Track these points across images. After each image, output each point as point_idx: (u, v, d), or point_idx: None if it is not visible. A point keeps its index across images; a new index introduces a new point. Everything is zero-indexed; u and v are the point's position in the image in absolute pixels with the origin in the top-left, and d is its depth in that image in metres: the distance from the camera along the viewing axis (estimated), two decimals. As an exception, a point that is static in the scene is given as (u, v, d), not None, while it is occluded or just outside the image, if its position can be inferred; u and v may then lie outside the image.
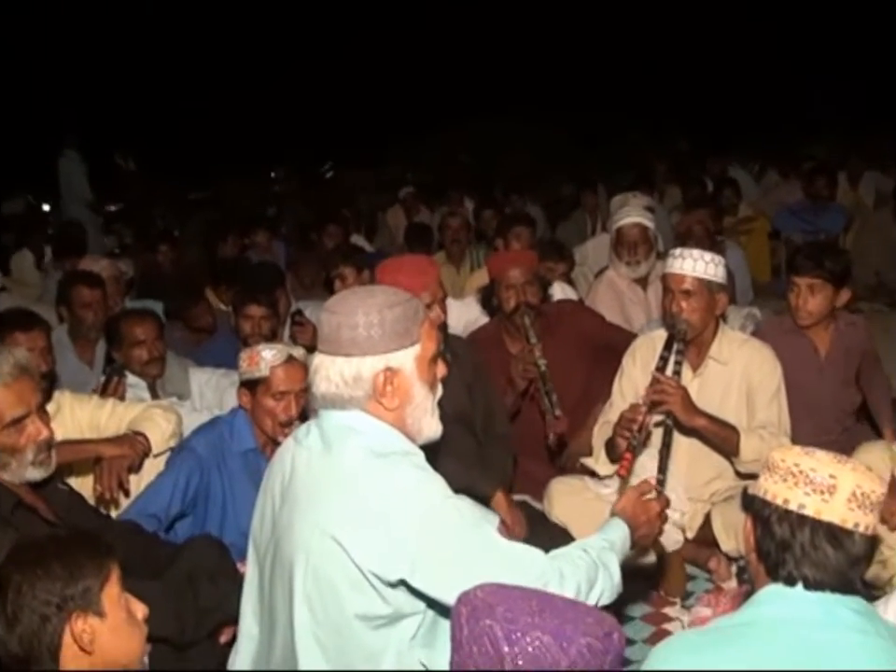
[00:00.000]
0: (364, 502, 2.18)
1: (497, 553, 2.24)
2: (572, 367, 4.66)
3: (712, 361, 3.94)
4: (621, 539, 2.54)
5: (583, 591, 2.31)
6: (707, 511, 4.01)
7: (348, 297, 2.34)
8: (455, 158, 16.48)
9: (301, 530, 2.25)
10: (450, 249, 7.55)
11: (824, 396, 4.41)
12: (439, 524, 2.20)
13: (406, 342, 2.29)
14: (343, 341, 2.26)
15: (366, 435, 2.29)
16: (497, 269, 4.71)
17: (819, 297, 4.26)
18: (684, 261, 3.80)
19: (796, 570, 1.94)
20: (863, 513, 1.92)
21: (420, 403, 2.34)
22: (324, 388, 2.30)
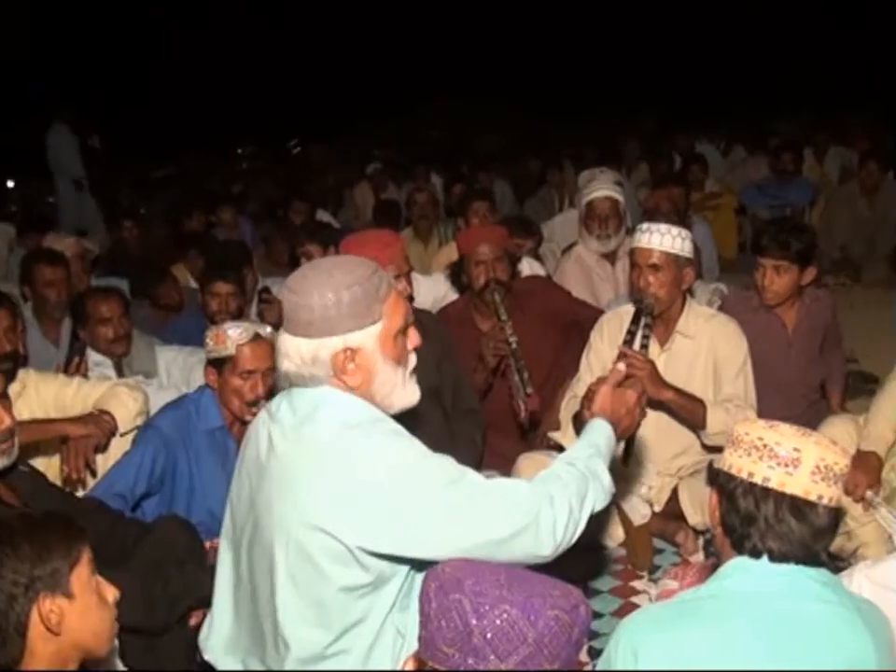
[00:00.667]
0: (342, 477, 2.17)
1: (485, 501, 2.22)
2: (541, 343, 4.66)
3: (679, 336, 3.96)
4: (606, 440, 2.52)
5: (575, 508, 2.31)
6: (675, 485, 4.04)
7: (306, 275, 2.30)
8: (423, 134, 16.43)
9: (281, 510, 2.23)
10: (418, 225, 7.53)
11: (791, 371, 4.44)
12: (422, 482, 2.19)
13: (365, 321, 2.26)
14: (301, 321, 2.24)
15: (336, 407, 2.27)
16: (467, 245, 4.69)
17: (785, 277, 4.29)
18: (651, 236, 3.80)
19: (761, 543, 1.95)
20: (827, 486, 1.94)
21: (387, 378, 2.32)
22: (286, 367, 2.29)
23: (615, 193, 5.76)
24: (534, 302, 4.75)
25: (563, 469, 2.39)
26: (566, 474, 2.37)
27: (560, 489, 2.32)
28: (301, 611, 2.26)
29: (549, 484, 2.33)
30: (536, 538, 2.24)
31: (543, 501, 2.27)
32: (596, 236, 5.70)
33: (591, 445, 2.49)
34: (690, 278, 3.91)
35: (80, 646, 2.07)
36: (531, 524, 2.23)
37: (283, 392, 2.44)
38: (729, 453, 2.03)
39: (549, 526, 2.25)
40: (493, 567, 2.14)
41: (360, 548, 2.18)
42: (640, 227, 3.92)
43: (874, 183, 8.15)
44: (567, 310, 4.86)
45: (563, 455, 2.48)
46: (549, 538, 2.26)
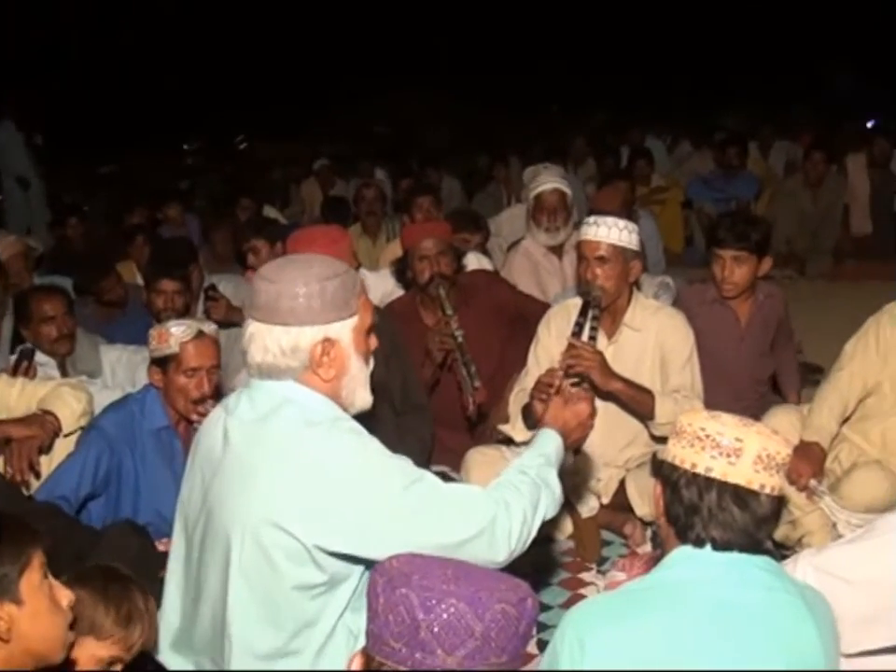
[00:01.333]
0: (301, 475, 2.17)
1: (443, 504, 2.24)
2: (488, 337, 4.67)
3: (626, 328, 3.98)
4: (555, 450, 2.57)
5: (529, 515, 2.35)
6: (622, 477, 4.06)
7: (286, 265, 2.31)
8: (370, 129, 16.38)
9: (238, 505, 2.22)
10: (365, 221, 7.51)
11: (742, 365, 4.48)
12: (381, 483, 2.19)
13: (345, 313, 2.27)
14: (281, 310, 2.23)
15: (298, 405, 2.27)
16: (410, 240, 4.69)
17: (743, 268, 4.31)
18: (598, 228, 3.82)
19: (704, 532, 1.97)
20: (769, 475, 1.95)
21: (356, 375, 2.34)
22: (259, 358, 2.27)
23: (563, 186, 5.78)
24: (479, 296, 4.76)
25: (516, 477, 2.43)
26: (519, 482, 2.41)
27: (515, 496, 2.36)
28: (251, 609, 2.25)
29: (504, 491, 2.37)
30: (491, 543, 2.27)
31: (499, 507, 2.31)
32: (545, 229, 5.71)
33: (541, 454, 2.53)
34: (637, 271, 3.93)
35: (32, 652, 2.03)
36: (487, 528, 2.26)
37: (240, 389, 2.43)
38: (672, 444, 2.05)
39: (504, 532, 2.29)
40: (441, 561, 2.14)
41: (317, 546, 2.18)
42: (587, 219, 3.93)
43: (818, 175, 8.25)
44: (512, 303, 4.87)
45: (514, 464, 2.52)
46: (504, 543, 2.29)
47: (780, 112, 12.33)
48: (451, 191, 10.26)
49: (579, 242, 3.93)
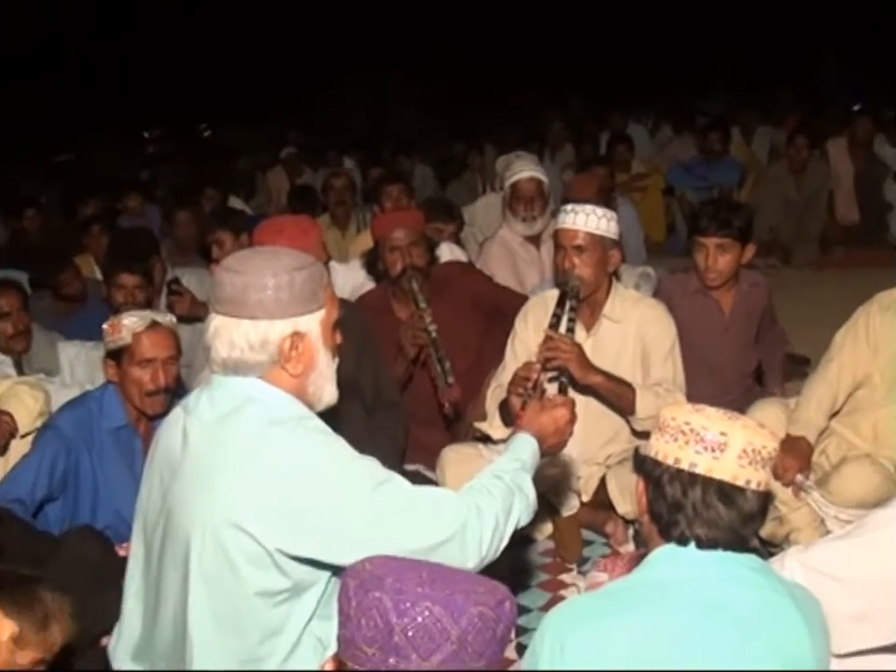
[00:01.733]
0: (264, 475, 2.16)
1: (412, 508, 2.25)
2: (463, 331, 4.66)
3: (606, 320, 3.98)
4: (531, 456, 2.59)
5: (501, 521, 2.36)
6: (603, 475, 4.06)
7: (253, 257, 2.31)
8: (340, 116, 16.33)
9: (198, 507, 2.21)
10: (334, 211, 7.48)
11: (727, 356, 4.50)
12: (348, 485, 2.19)
13: (313, 306, 2.28)
14: (249, 303, 2.22)
15: (262, 403, 2.26)
16: (381, 230, 4.67)
17: (727, 256, 4.32)
18: (576, 216, 3.82)
19: (689, 530, 1.97)
20: (755, 470, 1.96)
21: (323, 370, 2.34)
22: (225, 353, 2.26)
23: (539, 174, 5.79)
24: (454, 288, 4.75)
25: (490, 482, 2.44)
26: (492, 486, 2.42)
27: (487, 501, 2.36)
28: (212, 616, 2.23)
29: (476, 495, 2.38)
30: (461, 548, 2.27)
31: (470, 511, 2.31)
32: (522, 218, 5.72)
33: (516, 459, 2.55)
34: (616, 260, 3.93)
35: None
36: (457, 533, 2.26)
37: (200, 387, 2.42)
38: (655, 438, 2.04)
39: (475, 537, 2.29)
40: (415, 563, 2.14)
41: (280, 550, 2.16)
42: (565, 207, 3.93)
43: (802, 161, 8.28)
44: (488, 295, 4.87)
45: (488, 468, 2.53)
46: (474, 549, 2.29)
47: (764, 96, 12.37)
48: (423, 180, 10.26)
49: (555, 230, 3.93)
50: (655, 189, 8.96)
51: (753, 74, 15.01)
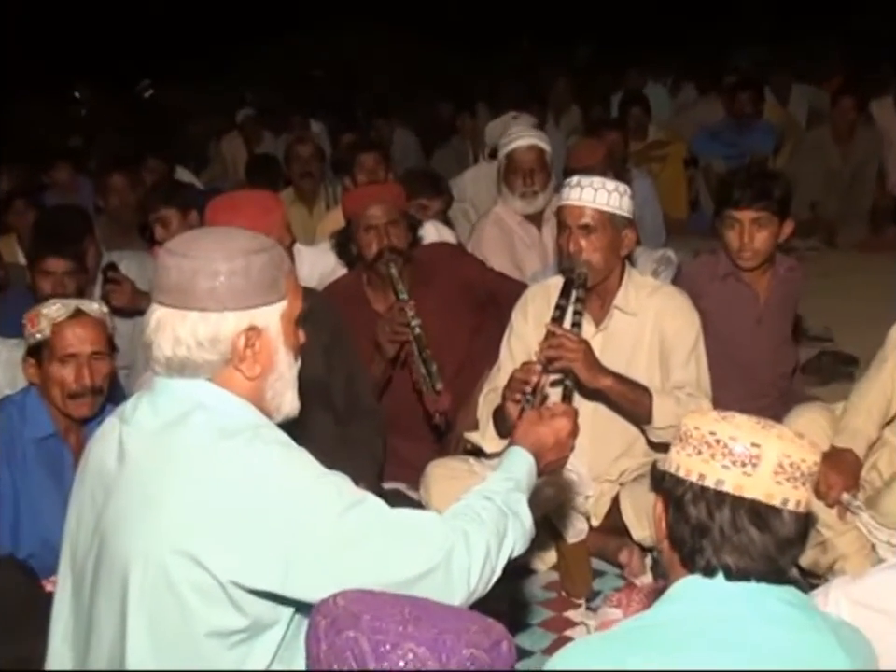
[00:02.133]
0: (216, 495, 2.15)
1: (388, 534, 2.24)
2: (452, 326, 4.67)
3: (618, 312, 3.99)
4: (526, 474, 2.57)
5: (492, 549, 2.35)
6: (616, 494, 4.07)
7: (202, 238, 2.30)
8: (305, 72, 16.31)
9: (139, 532, 2.19)
10: (299, 185, 7.47)
11: (762, 351, 4.51)
12: (314, 508, 2.18)
13: (273, 296, 2.27)
14: (198, 291, 2.20)
15: (212, 410, 2.25)
16: (353, 207, 4.67)
17: (765, 232, 4.31)
18: (583, 191, 3.82)
19: (716, 558, 1.97)
20: (793, 487, 1.96)
21: (283, 373, 2.34)
22: (169, 351, 2.24)
23: (540, 141, 5.78)
24: (440, 275, 4.75)
25: (479, 503, 2.43)
26: (482, 510, 2.41)
27: (476, 526, 2.35)
28: (156, 661, 2.21)
29: (462, 519, 2.37)
30: (446, 581, 2.26)
31: (457, 538, 2.30)
32: (520, 194, 5.72)
33: (509, 478, 2.54)
34: (629, 243, 3.93)
35: None
36: (441, 564, 2.26)
37: (139, 392, 2.41)
38: (676, 451, 2.04)
39: (462, 569, 2.28)
40: (395, 598, 2.14)
41: (234, 583, 2.15)
42: (569, 180, 3.93)
43: (849, 125, 8.29)
44: (481, 283, 4.87)
45: (477, 488, 2.52)
46: (461, 582, 2.29)
47: (802, 50, 12.39)
48: (405, 147, 10.25)
49: (559, 207, 3.93)
50: (676, 159, 8.98)
51: (790, 23, 15.03)
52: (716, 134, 9.01)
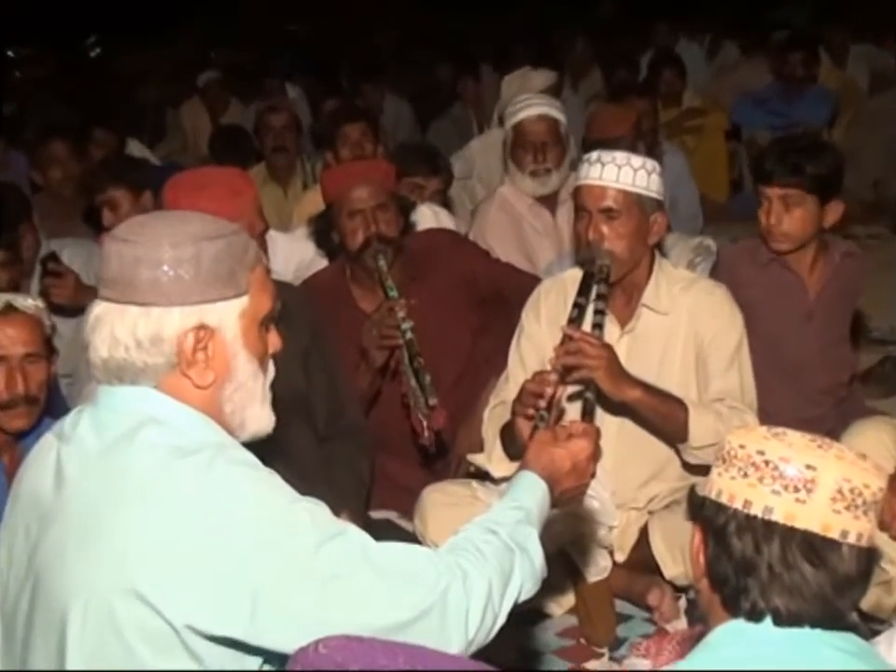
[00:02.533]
0: (169, 525, 2.13)
1: (373, 570, 2.22)
2: (450, 328, 4.68)
3: (647, 311, 3.99)
4: (538, 504, 2.55)
5: (496, 591, 2.33)
6: (644, 524, 4.07)
7: (151, 222, 2.29)
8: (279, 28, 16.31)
9: (79, 569, 2.18)
10: (272, 160, 7.50)
11: (812, 353, 4.52)
12: (284, 540, 2.16)
13: (229, 290, 2.25)
14: (140, 283, 2.19)
15: (164, 425, 2.24)
16: (335, 188, 4.68)
17: (796, 213, 4.32)
18: (604, 168, 3.82)
19: (763, 599, 1.97)
20: (854, 517, 1.95)
21: (244, 382, 2.32)
22: (105, 352, 2.23)
23: (553, 110, 5.78)
24: (437, 268, 4.76)
25: (481, 537, 2.41)
26: (484, 543, 2.38)
27: (476, 564, 2.33)
28: None
29: (461, 555, 2.35)
30: (441, 627, 2.25)
31: (454, 577, 2.28)
32: (530, 172, 5.72)
33: (518, 508, 2.51)
34: (660, 229, 3.94)
35: None
36: (434, 607, 2.24)
37: (80, 406, 2.40)
38: (718, 473, 2.04)
39: (459, 613, 2.26)
40: (387, 645, 2.13)
41: (190, 628, 2.14)
42: (588, 157, 3.93)
43: (918, 92, 8.31)
44: (485, 276, 4.87)
45: (479, 519, 2.50)
46: (458, 628, 2.27)
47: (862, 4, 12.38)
48: (397, 117, 10.26)
49: (577, 187, 3.94)
50: (715, 131, 8.99)
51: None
52: (761, 102, 9.01)
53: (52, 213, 6.64)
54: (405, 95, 10.83)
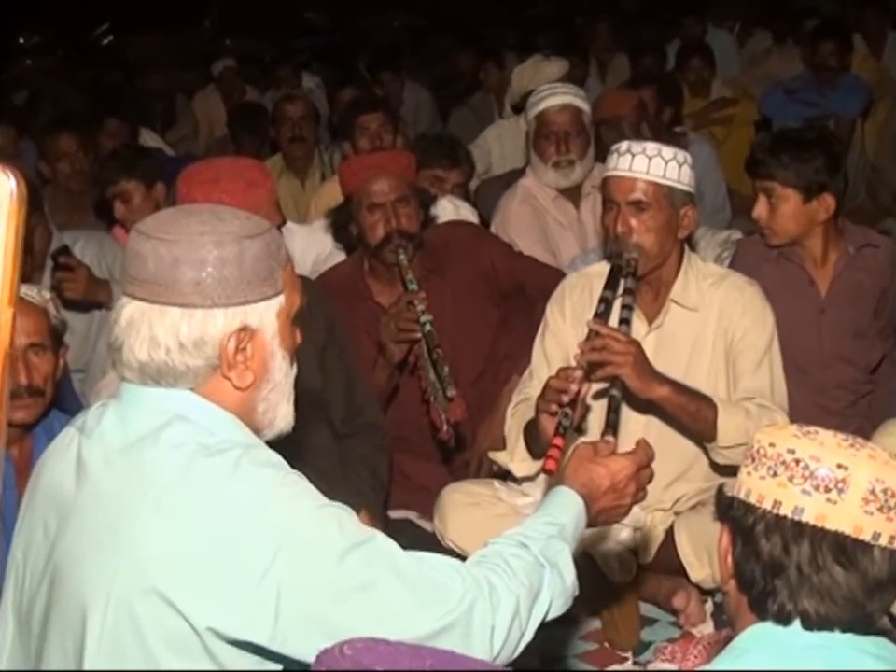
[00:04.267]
0: (195, 525, 2.14)
1: (399, 580, 2.22)
2: (470, 322, 4.69)
3: (675, 307, 3.99)
4: (573, 519, 2.53)
5: (523, 608, 2.32)
6: (670, 525, 4.08)
7: (185, 219, 2.26)
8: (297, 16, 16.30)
9: (101, 566, 2.18)
10: (289, 151, 7.49)
11: (824, 351, 4.52)
12: (312, 547, 2.16)
13: (269, 290, 2.25)
14: (181, 284, 2.18)
15: (190, 422, 2.24)
16: (354, 180, 4.68)
17: (783, 208, 4.35)
18: (634, 159, 3.82)
19: (791, 602, 1.97)
20: (886, 518, 1.95)
21: (279, 383, 2.33)
22: (144, 355, 2.22)
23: (577, 100, 5.75)
24: (458, 262, 4.76)
25: (509, 551, 2.39)
26: (514, 558, 2.37)
27: (504, 578, 2.32)
28: None
29: (489, 568, 2.34)
30: (466, 641, 2.24)
31: (480, 591, 2.28)
32: (553, 164, 5.69)
33: (552, 523, 2.49)
34: (690, 223, 3.94)
35: None
36: (460, 620, 2.23)
37: (105, 401, 2.41)
38: (746, 472, 2.04)
39: (485, 628, 2.26)
40: (414, 649, 2.13)
41: (213, 631, 2.14)
42: (617, 147, 3.92)
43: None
44: (507, 271, 4.85)
45: (511, 532, 2.48)
46: (483, 644, 2.26)
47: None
48: (418, 106, 10.24)
49: (605, 179, 3.94)
50: (745, 122, 8.94)
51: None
52: (792, 92, 8.96)
53: (62, 205, 6.65)
54: (425, 84, 10.81)
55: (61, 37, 16.25)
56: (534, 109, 5.77)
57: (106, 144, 7.60)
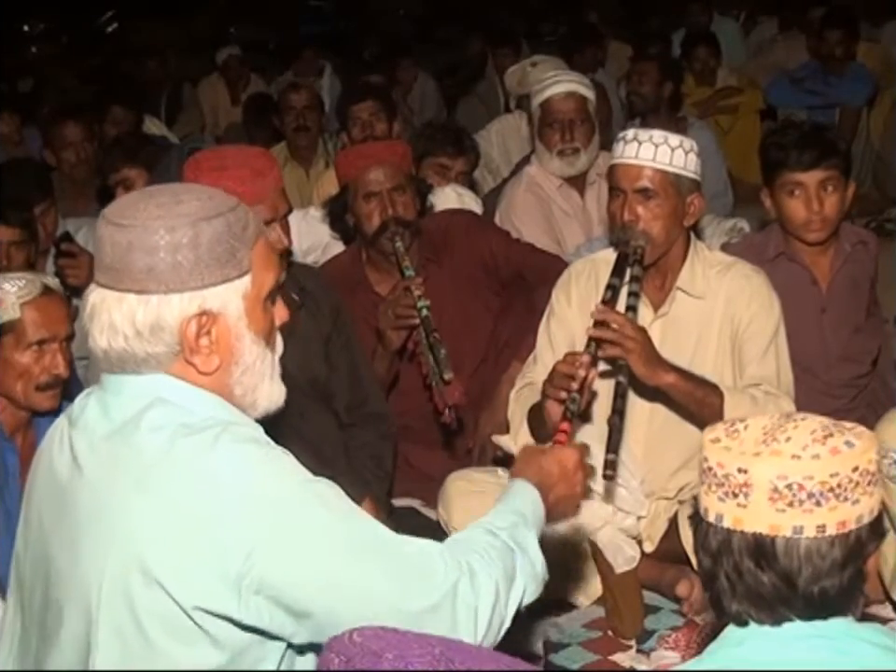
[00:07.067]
0: (179, 505, 2.14)
1: (383, 557, 2.23)
2: (470, 310, 4.70)
3: (682, 294, 3.99)
4: (531, 508, 2.54)
5: (502, 591, 2.32)
6: (674, 514, 4.07)
7: (143, 202, 2.24)
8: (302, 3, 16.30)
9: (92, 553, 2.19)
10: (294, 140, 7.49)
11: (829, 347, 4.51)
12: (294, 522, 2.17)
13: (231, 272, 2.22)
14: (135, 269, 2.17)
15: (171, 404, 2.24)
16: (349, 170, 4.68)
17: (834, 197, 4.30)
18: (640, 147, 3.81)
19: (737, 605, 1.97)
20: (803, 511, 1.90)
21: (252, 365, 2.30)
22: (105, 342, 2.22)
23: (582, 87, 5.76)
24: (456, 249, 4.76)
25: (482, 539, 2.40)
26: (487, 544, 2.38)
27: (483, 562, 2.33)
28: None
29: (466, 552, 2.34)
30: (451, 622, 2.24)
31: (462, 573, 2.28)
32: (558, 152, 5.69)
33: (514, 511, 2.51)
34: (696, 210, 3.94)
35: None
36: (446, 600, 2.24)
37: (88, 390, 2.41)
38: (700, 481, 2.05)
39: (468, 609, 2.26)
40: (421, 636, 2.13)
41: (200, 609, 2.15)
42: (624, 135, 3.93)
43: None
44: (505, 258, 4.83)
45: (478, 522, 2.49)
46: (468, 625, 2.26)
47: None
48: (423, 95, 10.23)
49: (612, 167, 3.93)
50: (750, 110, 8.94)
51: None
52: (798, 81, 8.95)
53: (67, 192, 6.66)
54: (432, 71, 10.80)
55: (65, 25, 16.25)
56: (538, 97, 5.77)
57: (111, 132, 7.61)
